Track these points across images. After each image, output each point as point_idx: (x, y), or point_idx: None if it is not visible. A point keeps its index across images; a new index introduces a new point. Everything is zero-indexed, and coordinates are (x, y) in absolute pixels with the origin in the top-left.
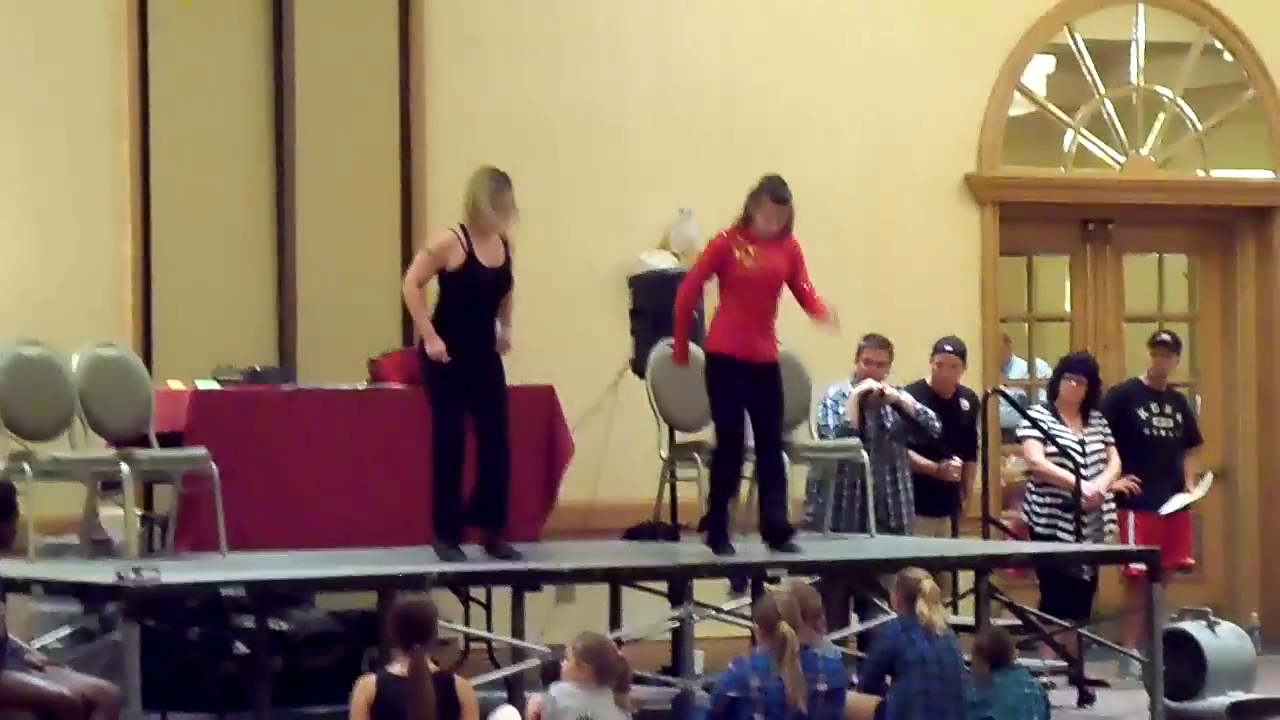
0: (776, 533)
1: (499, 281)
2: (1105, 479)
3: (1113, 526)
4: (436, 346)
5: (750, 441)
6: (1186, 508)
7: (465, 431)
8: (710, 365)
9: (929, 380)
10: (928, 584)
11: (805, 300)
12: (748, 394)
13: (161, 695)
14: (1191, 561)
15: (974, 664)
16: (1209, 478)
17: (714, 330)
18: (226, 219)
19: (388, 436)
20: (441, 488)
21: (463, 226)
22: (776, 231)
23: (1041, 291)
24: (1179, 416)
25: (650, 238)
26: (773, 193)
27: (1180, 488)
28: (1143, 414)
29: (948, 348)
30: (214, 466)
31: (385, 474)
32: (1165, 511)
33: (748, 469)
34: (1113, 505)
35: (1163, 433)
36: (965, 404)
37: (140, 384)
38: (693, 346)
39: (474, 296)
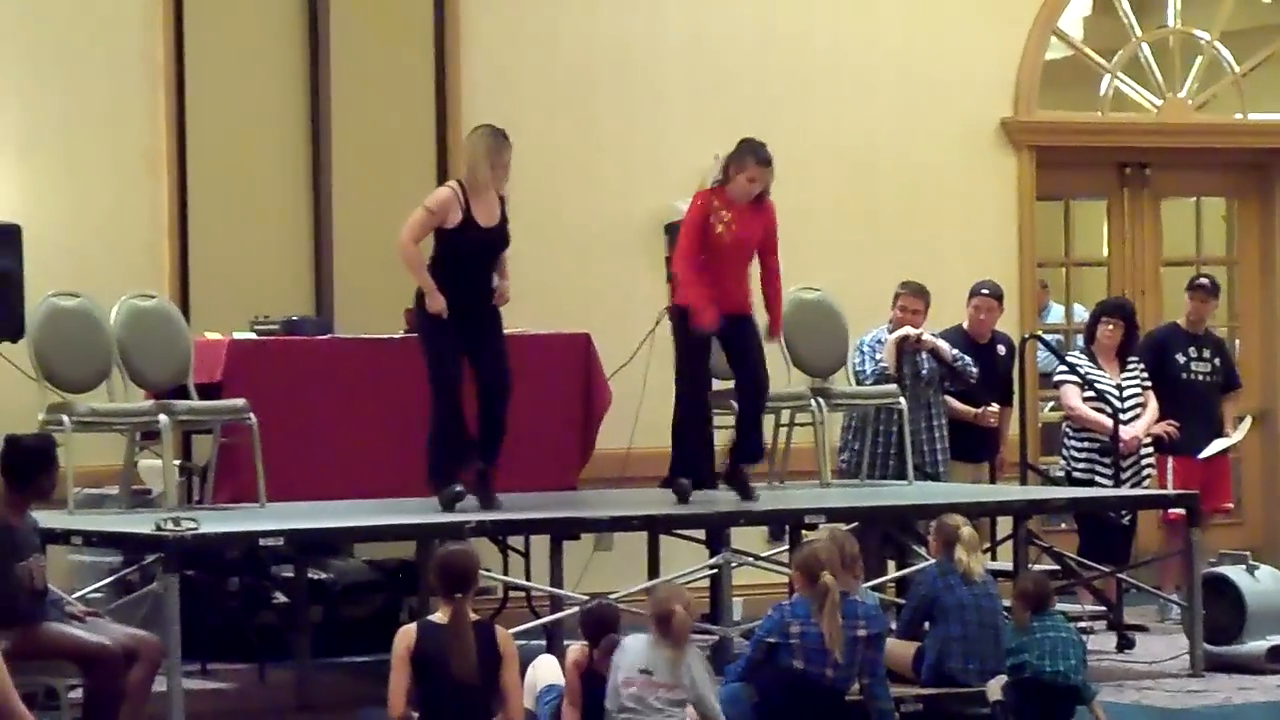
0: (740, 457)
1: (495, 240)
2: (1143, 423)
3: (1151, 471)
4: (438, 303)
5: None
6: (1225, 452)
7: (463, 377)
8: (673, 315)
9: (966, 325)
10: (966, 530)
11: (767, 284)
12: (714, 346)
13: (201, 645)
14: (1230, 505)
15: (1015, 609)
16: (1248, 421)
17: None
18: (262, 170)
19: (424, 385)
20: (442, 433)
21: (460, 184)
22: (755, 195)
23: (1079, 236)
24: (1217, 361)
25: (686, 185)
26: (756, 153)
27: (1219, 432)
28: (1181, 358)
29: (984, 291)
30: (253, 417)
31: (422, 423)
32: (1204, 456)
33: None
34: (1151, 449)
35: (1201, 377)
36: (1002, 349)
37: (179, 335)
38: None
39: (469, 254)
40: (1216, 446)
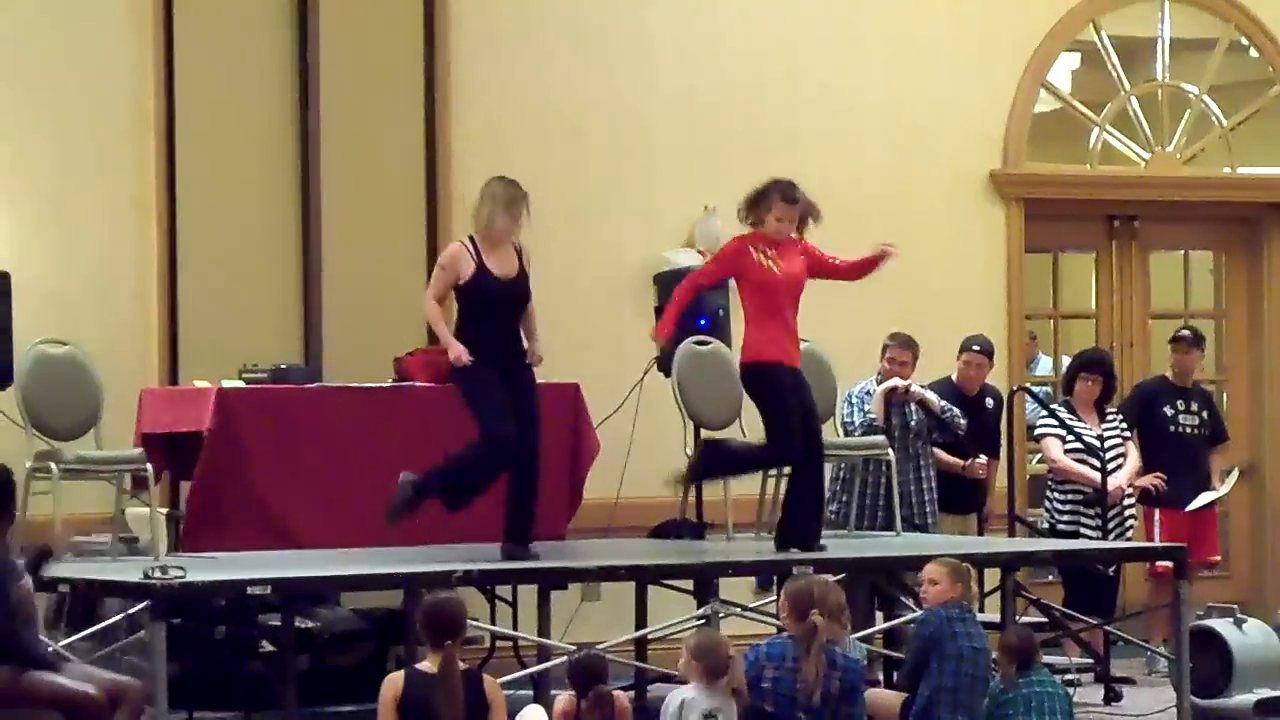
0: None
1: (515, 292)
2: (1125, 474)
3: (1134, 521)
4: (456, 350)
5: None
6: (1212, 504)
7: (514, 435)
8: (755, 374)
9: (955, 378)
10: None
11: (846, 271)
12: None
13: (188, 694)
14: (1218, 558)
15: (1001, 663)
16: (1235, 474)
17: (751, 343)
18: (252, 217)
19: (412, 435)
20: (472, 472)
21: (471, 238)
22: (789, 233)
23: (1067, 288)
24: (1205, 413)
25: (676, 235)
26: (781, 192)
27: (1206, 485)
28: (1169, 411)
29: (975, 347)
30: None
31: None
32: (1191, 508)
33: None
34: (1133, 500)
35: (1189, 430)
36: (990, 402)
37: None
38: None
39: (489, 306)
40: (1203, 499)
